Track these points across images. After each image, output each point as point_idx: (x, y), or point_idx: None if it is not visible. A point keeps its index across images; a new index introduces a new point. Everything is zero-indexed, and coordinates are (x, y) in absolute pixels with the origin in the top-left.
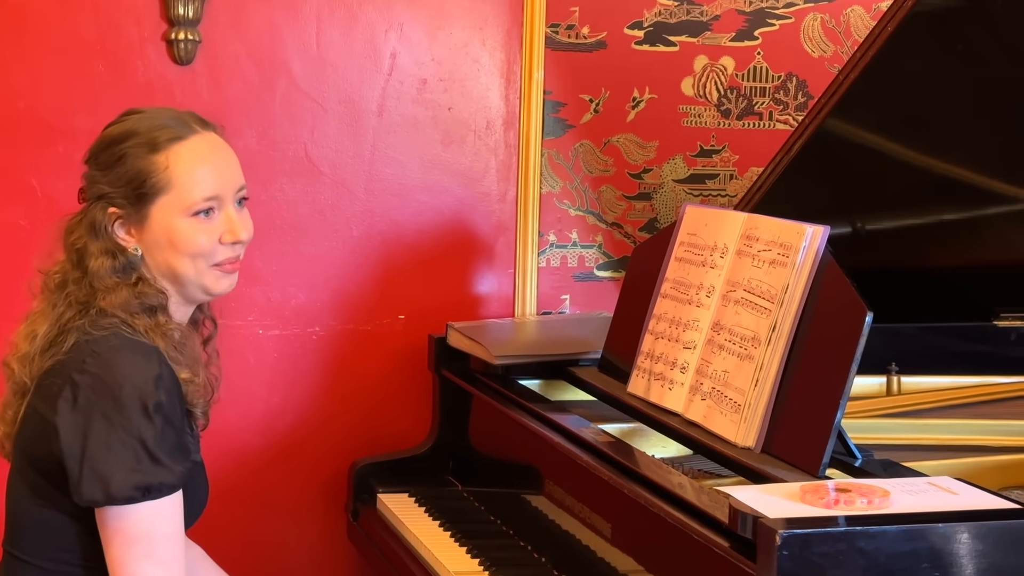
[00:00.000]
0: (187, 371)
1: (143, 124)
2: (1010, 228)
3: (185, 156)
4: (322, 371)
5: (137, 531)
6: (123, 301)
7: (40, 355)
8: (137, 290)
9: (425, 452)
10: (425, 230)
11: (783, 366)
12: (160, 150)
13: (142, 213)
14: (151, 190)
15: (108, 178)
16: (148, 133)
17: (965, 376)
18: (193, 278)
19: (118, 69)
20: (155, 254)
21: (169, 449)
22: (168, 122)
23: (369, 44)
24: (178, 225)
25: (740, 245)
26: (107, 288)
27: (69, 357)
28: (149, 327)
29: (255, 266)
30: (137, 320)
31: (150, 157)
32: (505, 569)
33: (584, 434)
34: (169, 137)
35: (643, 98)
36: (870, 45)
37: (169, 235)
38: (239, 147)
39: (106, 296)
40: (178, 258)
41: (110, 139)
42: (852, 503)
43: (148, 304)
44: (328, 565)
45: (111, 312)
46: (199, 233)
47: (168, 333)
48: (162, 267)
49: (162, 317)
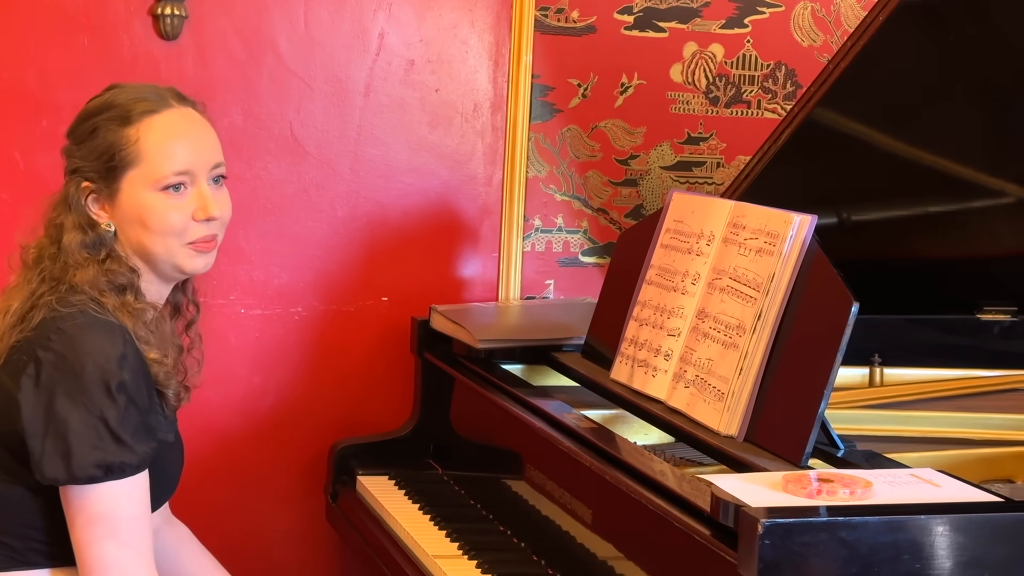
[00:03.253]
0: (156, 351)
1: (119, 97)
2: (995, 221)
3: (157, 129)
4: (304, 352)
5: (99, 511)
6: (91, 278)
7: (10, 330)
8: (105, 267)
9: (406, 435)
10: (410, 212)
11: (768, 355)
12: (132, 123)
13: (113, 187)
14: (120, 163)
15: (81, 152)
16: (122, 106)
17: (948, 369)
18: (165, 256)
19: (103, 43)
20: (127, 230)
21: (132, 429)
22: (146, 95)
23: (357, 23)
24: (147, 200)
25: (727, 233)
26: (77, 264)
27: (35, 333)
28: (116, 306)
29: (238, 245)
30: (105, 298)
31: (121, 130)
32: (484, 553)
33: (566, 420)
34: (143, 110)
35: (631, 84)
36: (860, 35)
37: (138, 210)
38: (224, 125)
39: (76, 272)
40: (148, 235)
41: (86, 113)
42: (834, 493)
43: (117, 283)
44: (307, 546)
45: (80, 289)
46: (169, 209)
47: (136, 312)
48: (134, 244)
49: (130, 296)
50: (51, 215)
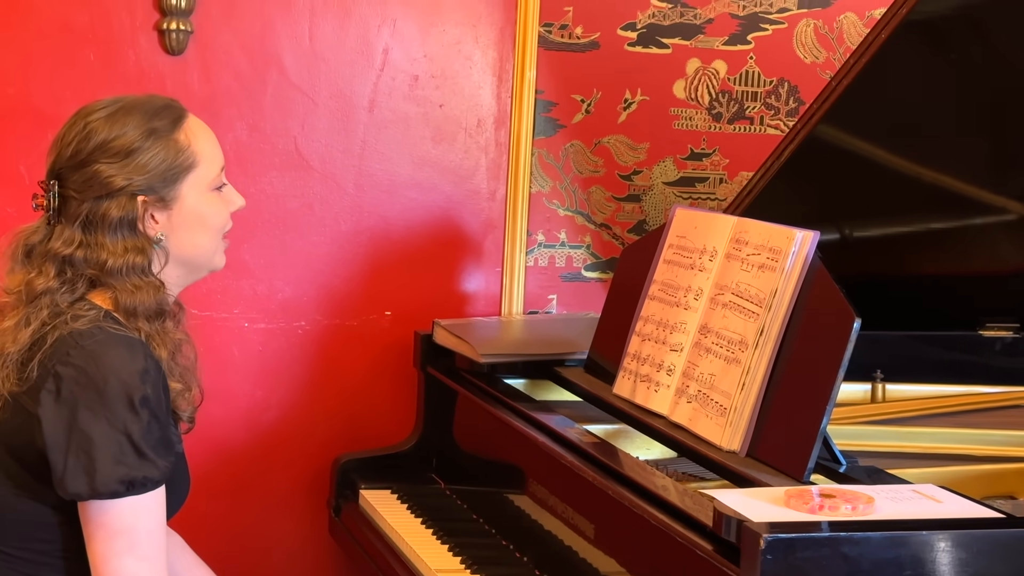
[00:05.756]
0: (179, 382)
1: (140, 109)
2: (997, 238)
3: (196, 132)
4: (307, 366)
5: (120, 525)
6: (148, 302)
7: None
8: (161, 293)
9: (409, 449)
10: (413, 227)
11: (770, 370)
12: (176, 128)
13: (171, 195)
14: (181, 169)
15: (129, 168)
16: (153, 116)
17: (950, 385)
18: (210, 254)
19: (109, 58)
20: (181, 236)
21: (154, 443)
22: (158, 103)
23: (362, 39)
24: (207, 200)
25: (729, 248)
26: (127, 290)
27: (52, 350)
28: (152, 333)
29: (242, 259)
30: (142, 323)
31: (171, 136)
32: (487, 568)
33: (569, 434)
34: (176, 116)
35: (635, 100)
36: (863, 52)
37: (199, 212)
38: (229, 139)
39: (128, 297)
40: (206, 235)
41: (113, 132)
42: (836, 509)
43: (163, 308)
44: (309, 561)
45: (95, 305)
46: (223, 207)
47: (171, 344)
48: (186, 247)
49: (170, 323)
50: (55, 245)
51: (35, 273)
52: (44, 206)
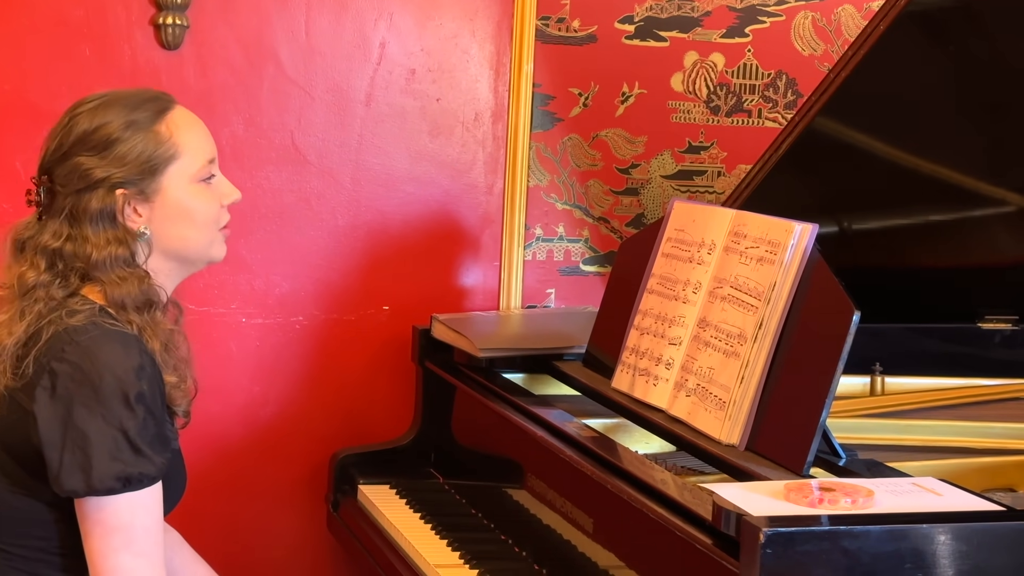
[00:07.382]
0: (174, 375)
1: (123, 102)
2: (996, 230)
3: (180, 123)
4: (305, 361)
5: (117, 522)
6: (133, 293)
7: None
8: (147, 282)
9: (407, 444)
10: (411, 221)
11: (769, 364)
12: (158, 120)
13: (152, 188)
14: (161, 161)
15: (107, 160)
16: (137, 107)
17: (949, 378)
18: (204, 248)
19: (104, 53)
20: (167, 229)
21: (150, 440)
22: (145, 95)
23: (358, 33)
24: (191, 192)
25: (728, 242)
26: (112, 282)
27: (47, 347)
28: (143, 325)
29: (239, 254)
30: (132, 315)
31: (152, 128)
32: (486, 562)
33: (567, 428)
34: (160, 108)
35: (632, 93)
36: (861, 44)
37: (183, 205)
38: (225, 134)
39: (112, 290)
40: (193, 229)
41: (93, 124)
42: (836, 502)
43: (151, 298)
44: (307, 556)
45: (89, 300)
46: (211, 199)
47: (163, 334)
48: (173, 241)
49: (158, 313)
50: (44, 239)
51: (27, 267)
52: (36, 201)
